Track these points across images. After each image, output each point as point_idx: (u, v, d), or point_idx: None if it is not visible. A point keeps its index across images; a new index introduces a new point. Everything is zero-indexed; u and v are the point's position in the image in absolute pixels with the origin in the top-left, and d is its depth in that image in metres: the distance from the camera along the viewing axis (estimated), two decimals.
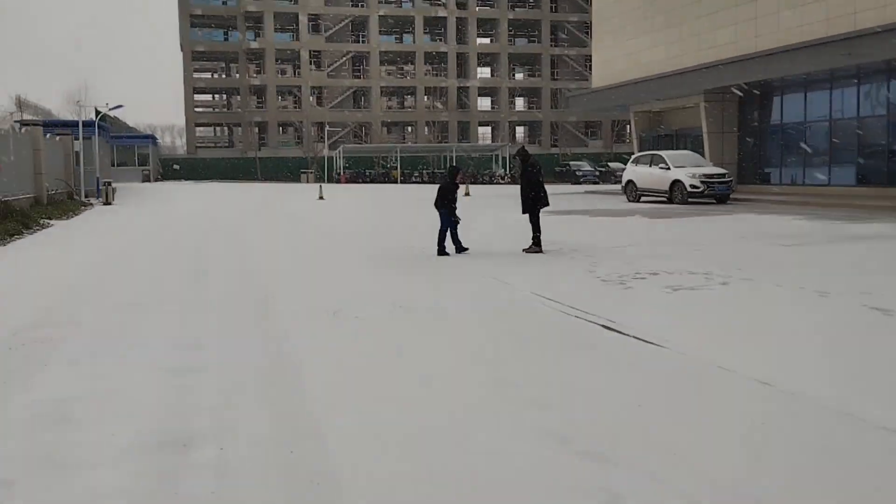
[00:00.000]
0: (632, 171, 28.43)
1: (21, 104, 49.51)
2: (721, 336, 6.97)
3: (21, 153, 25.64)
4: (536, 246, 13.46)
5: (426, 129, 71.88)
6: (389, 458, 4.18)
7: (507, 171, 57.79)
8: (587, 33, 74.42)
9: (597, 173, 56.75)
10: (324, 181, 56.55)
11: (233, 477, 3.97)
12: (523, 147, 14.76)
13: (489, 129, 78.58)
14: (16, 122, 32.06)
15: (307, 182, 58.55)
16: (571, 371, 5.85)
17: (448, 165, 14.47)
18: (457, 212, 13.59)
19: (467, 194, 37.28)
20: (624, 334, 7.04)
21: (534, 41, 76.24)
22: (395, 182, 56.59)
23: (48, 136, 30.69)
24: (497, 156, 61.10)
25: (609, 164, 59.72)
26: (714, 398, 5.18)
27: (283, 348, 6.71)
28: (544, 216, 13.80)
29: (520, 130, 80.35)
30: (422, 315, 8.10)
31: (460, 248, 13.43)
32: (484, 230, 18.17)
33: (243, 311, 8.48)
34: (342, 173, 58.59)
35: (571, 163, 60.02)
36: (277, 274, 11.31)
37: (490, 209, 26.38)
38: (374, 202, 32.26)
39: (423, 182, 57.05)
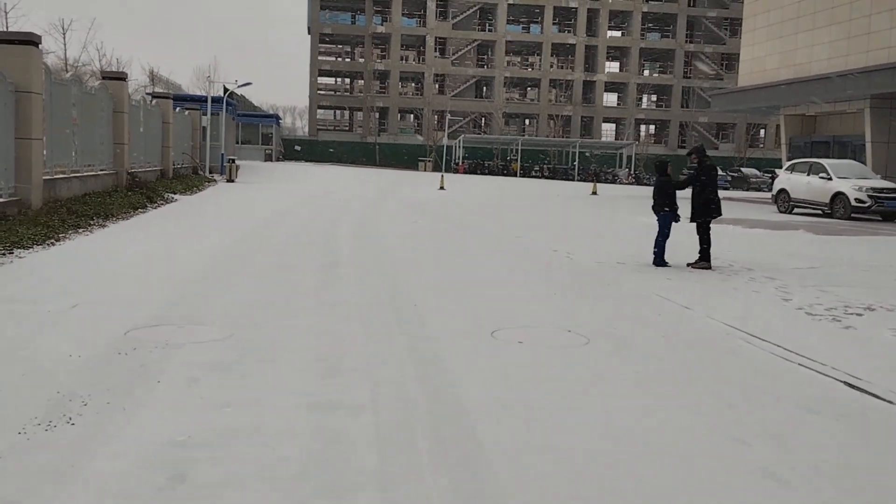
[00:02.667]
0: (786, 180, 25.91)
1: (154, 77, 50.51)
2: None
3: (151, 125, 25.51)
4: (704, 261, 11.71)
5: (548, 122, 69.78)
6: None
7: (632, 171, 55.29)
8: (727, 30, 70.70)
9: (728, 178, 53.56)
10: (441, 170, 55.58)
11: None
12: (702, 145, 12.95)
13: (613, 126, 75.78)
14: (147, 94, 32.26)
15: (424, 170, 57.77)
16: (839, 456, 4.23)
17: (657, 160, 12.72)
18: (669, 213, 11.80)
19: (594, 193, 35.45)
20: (885, 400, 5.34)
21: (667, 36, 72.88)
22: (515, 175, 55.03)
23: (177, 109, 30.69)
24: (621, 154, 58.61)
25: (742, 169, 56.30)
26: None
27: (443, 381, 5.35)
28: (689, 224, 12.06)
29: (645, 129, 77.19)
30: (597, 346, 6.59)
31: (661, 262, 11.73)
32: (628, 236, 16.47)
33: (387, 322, 7.19)
34: (460, 163, 57.46)
35: None
36: (417, 276, 10.01)
37: (622, 211, 24.52)
38: (499, 196, 30.84)
39: (543, 177, 55.30)
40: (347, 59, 78.48)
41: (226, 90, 41.52)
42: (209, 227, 14.83)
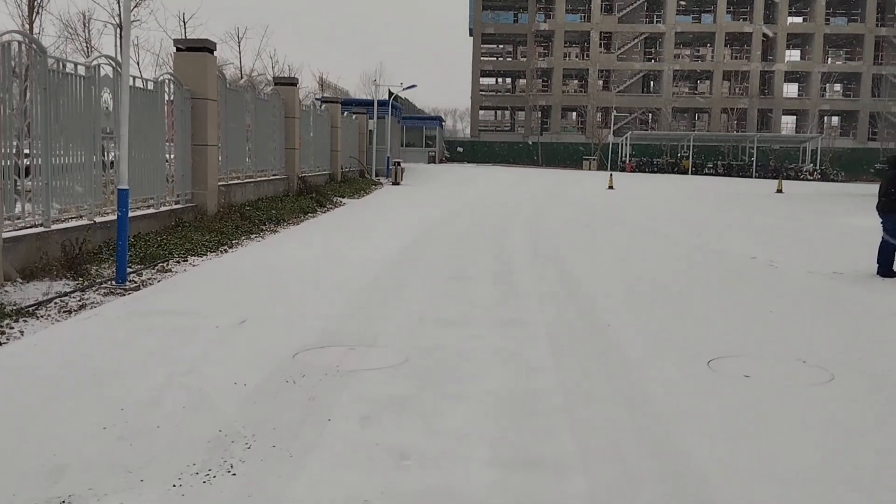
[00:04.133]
0: None
1: (322, 83, 51.92)
2: None
3: (320, 130, 25.80)
4: None
5: (721, 116, 66.05)
6: None
7: (817, 167, 51.15)
8: None
9: None
10: (606, 169, 53.73)
11: None
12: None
13: (793, 118, 70.72)
14: (316, 99, 32.91)
15: (589, 169, 56.09)
16: None
17: (886, 157, 10.96)
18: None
19: (780, 191, 32.81)
20: None
21: (855, 20, 67.10)
22: (686, 173, 52.28)
23: (345, 114, 31.04)
24: (805, 149, 54.37)
25: None
26: None
27: (662, 430, 4.35)
28: None
29: (828, 121, 71.48)
30: (848, 384, 5.35)
31: (888, 272, 10.17)
32: (835, 241, 14.66)
33: (579, 345, 6.24)
34: (627, 161, 55.29)
35: None
36: (601, 287, 8.98)
37: (819, 211, 22.24)
38: (675, 195, 29.03)
39: (717, 174, 52.21)
40: (509, 59, 77.90)
41: (391, 94, 41.90)
42: (378, 232, 14.42)
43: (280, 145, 20.48)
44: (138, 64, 37.93)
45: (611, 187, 31.93)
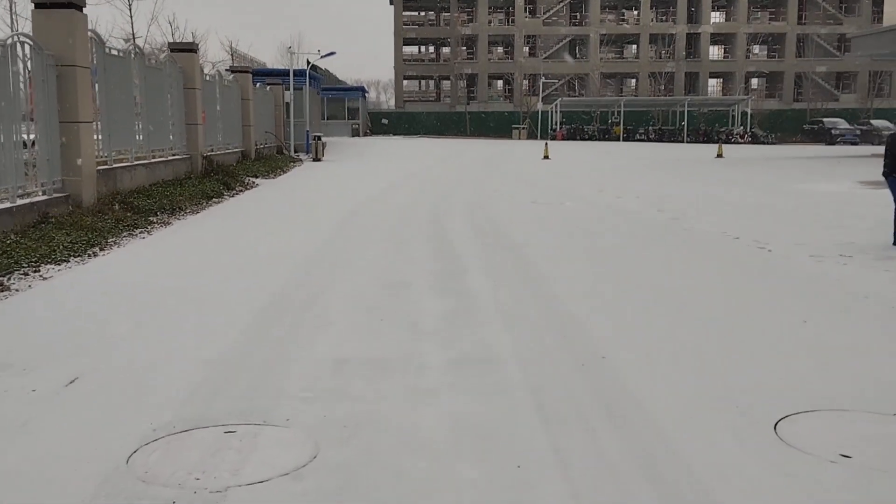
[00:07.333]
0: None
1: (233, 53, 48.39)
2: None
3: (228, 103, 23.13)
4: None
5: (649, 81, 64.92)
6: None
7: (748, 129, 50.44)
8: None
9: (857, 132, 48.36)
10: (536, 137, 52.10)
11: None
12: None
13: (719, 80, 70.23)
14: (226, 69, 30.00)
15: (519, 138, 54.28)
16: None
17: None
18: None
19: (720, 155, 31.59)
20: None
21: None
22: (617, 139, 50.99)
23: (258, 85, 28.31)
24: (734, 112, 53.64)
25: (871, 121, 50.80)
26: None
27: None
28: (862, 188, 8.69)
29: (756, 82, 71.23)
30: None
31: None
32: (814, 214, 13.09)
33: (575, 405, 4.20)
34: (558, 129, 53.64)
35: (825, 120, 51.55)
36: (572, 292, 6.99)
37: (772, 177, 20.79)
38: (615, 164, 27.34)
39: (648, 140, 51.06)
40: (432, 26, 75.22)
41: (309, 63, 39.09)
42: (292, 222, 12.16)
43: (179, 121, 17.85)
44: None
45: (546, 157, 30.17)
